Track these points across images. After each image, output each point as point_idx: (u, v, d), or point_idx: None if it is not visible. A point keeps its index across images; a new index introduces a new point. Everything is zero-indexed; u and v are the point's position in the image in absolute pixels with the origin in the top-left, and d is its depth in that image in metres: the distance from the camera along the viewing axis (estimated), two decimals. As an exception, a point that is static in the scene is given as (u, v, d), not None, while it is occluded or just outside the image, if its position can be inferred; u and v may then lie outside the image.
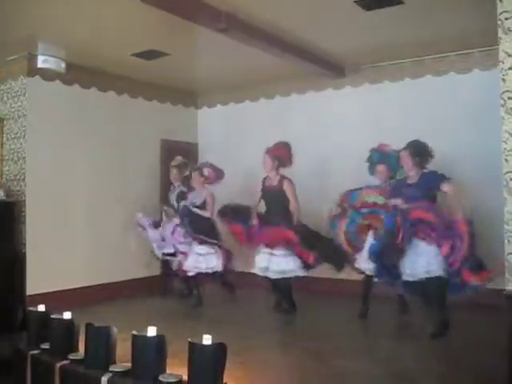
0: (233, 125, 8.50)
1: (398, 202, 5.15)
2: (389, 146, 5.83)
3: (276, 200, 6.12)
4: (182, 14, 4.99)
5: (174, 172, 7.34)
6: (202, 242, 6.58)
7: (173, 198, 7.30)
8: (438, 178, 5.06)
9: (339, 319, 5.94)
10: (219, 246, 6.62)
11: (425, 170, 5.24)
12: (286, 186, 6.10)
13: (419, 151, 5.21)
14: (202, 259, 6.55)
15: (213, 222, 6.73)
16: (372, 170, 5.87)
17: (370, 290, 5.85)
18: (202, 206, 6.73)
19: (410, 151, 5.22)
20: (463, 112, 6.46)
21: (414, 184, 5.19)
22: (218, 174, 6.93)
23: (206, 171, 6.92)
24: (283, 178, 6.17)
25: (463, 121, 6.44)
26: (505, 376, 3.25)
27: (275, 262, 5.91)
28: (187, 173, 7.25)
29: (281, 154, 6.17)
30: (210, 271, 6.57)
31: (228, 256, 6.62)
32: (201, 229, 6.61)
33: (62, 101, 6.81)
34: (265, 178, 6.34)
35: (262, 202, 6.34)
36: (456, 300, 4.96)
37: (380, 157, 5.78)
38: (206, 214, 6.68)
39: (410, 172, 5.25)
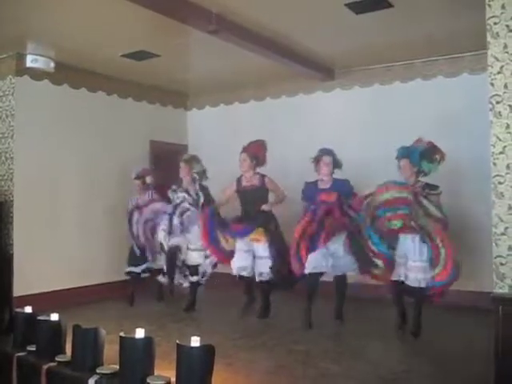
0: (222, 126, 8.49)
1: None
2: (422, 140, 5.34)
3: (258, 199, 6.00)
4: (172, 15, 4.99)
5: (182, 167, 6.61)
6: None
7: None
8: (350, 187, 5.58)
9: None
10: None
11: (335, 177, 5.70)
12: (268, 183, 6.06)
13: (335, 159, 5.70)
14: None
15: None
16: (398, 166, 5.38)
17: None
18: None
19: (331, 159, 5.66)
20: (451, 115, 6.50)
21: (327, 189, 5.59)
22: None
23: (148, 179, 7.06)
24: (263, 175, 6.10)
25: (452, 124, 6.48)
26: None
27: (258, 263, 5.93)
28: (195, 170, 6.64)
29: (258, 153, 6.11)
30: None
31: None
32: None
33: (50, 101, 6.77)
34: (240, 178, 6.18)
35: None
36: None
37: (403, 151, 5.33)
38: None
39: (326, 177, 5.67)
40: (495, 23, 3.45)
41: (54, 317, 3.72)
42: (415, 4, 5.02)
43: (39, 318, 3.79)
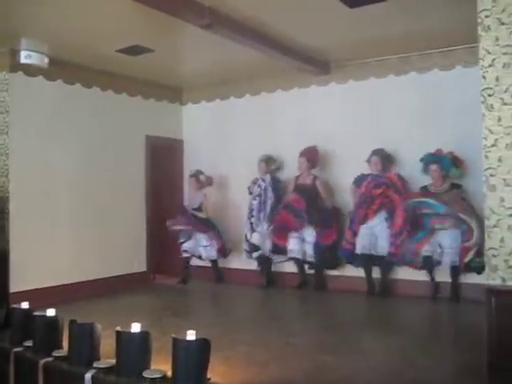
0: (218, 121, 8.48)
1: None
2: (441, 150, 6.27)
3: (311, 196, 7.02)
4: (166, 9, 4.97)
5: (261, 165, 7.50)
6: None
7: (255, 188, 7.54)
8: None
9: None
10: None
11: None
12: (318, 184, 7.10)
13: (384, 156, 6.73)
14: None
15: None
16: (426, 169, 6.35)
17: None
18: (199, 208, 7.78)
19: (379, 158, 6.70)
20: (447, 108, 6.52)
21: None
22: (210, 181, 7.90)
23: (202, 177, 7.83)
24: (315, 176, 7.13)
25: (447, 117, 6.51)
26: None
27: None
28: (273, 167, 7.57)
29: (313, 157, 7.13)
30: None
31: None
32: None
33: (45, 96, 6.75)
34: (297, 177, 7.23)
35: None
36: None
37: (433, 157, 6.27)
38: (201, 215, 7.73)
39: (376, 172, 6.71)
40: (486, 16, 3.47)
41: (51, 312, 3.75)
42: (408, -3, 5.03)
43: (36, 313, 3.81)
